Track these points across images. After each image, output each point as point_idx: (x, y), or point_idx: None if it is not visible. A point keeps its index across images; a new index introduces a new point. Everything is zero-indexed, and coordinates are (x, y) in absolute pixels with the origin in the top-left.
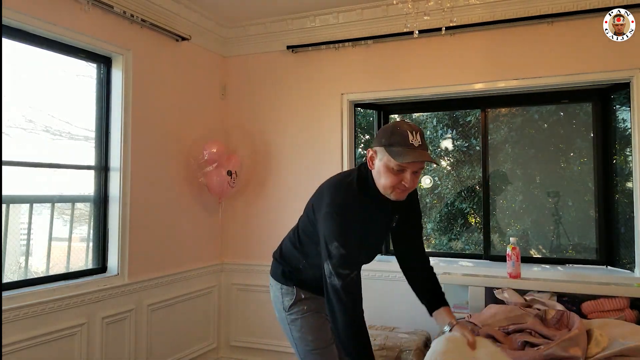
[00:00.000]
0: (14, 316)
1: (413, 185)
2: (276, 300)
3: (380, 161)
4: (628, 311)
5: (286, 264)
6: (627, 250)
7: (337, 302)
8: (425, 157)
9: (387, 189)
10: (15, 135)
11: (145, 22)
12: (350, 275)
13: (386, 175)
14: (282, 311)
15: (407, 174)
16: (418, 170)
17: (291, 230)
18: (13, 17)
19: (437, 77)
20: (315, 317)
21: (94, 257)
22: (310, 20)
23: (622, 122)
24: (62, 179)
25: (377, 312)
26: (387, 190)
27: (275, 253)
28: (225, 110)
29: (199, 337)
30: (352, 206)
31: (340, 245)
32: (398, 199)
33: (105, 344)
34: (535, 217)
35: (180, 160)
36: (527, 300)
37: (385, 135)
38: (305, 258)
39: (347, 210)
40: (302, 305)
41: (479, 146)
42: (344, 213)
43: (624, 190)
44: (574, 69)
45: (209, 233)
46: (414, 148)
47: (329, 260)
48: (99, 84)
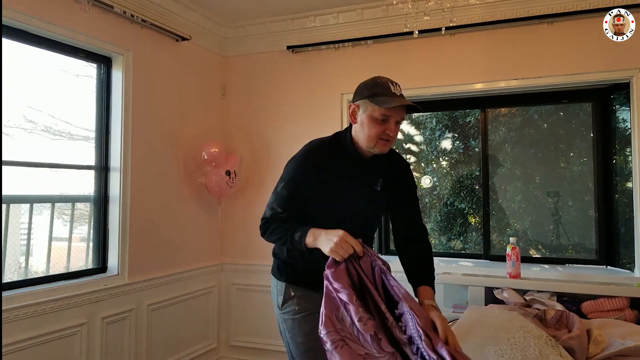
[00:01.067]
0: (14, 316)
1: (395, 136)
2: (273, 297)
3: (364, 113)
4: (628, 311)
5: (277, 257)
6: (626, 250)
7: (260, 227)
8: (408, 102)
9: (371, 141)
10: (15, 135)
11: (145, 22)
12: (280, 215)
13: (370, 126)
14: (277, 308)
15: (391, 124)
16: (400, 119)
17: None
18: (13, 17)
19: (437, 77)
20: (308, 319)
21: (94, 257)
22: (310, 20)
23: (622, 122)
24: (62, 179)
25: None
26: (372, 143)
27: (273, 248)
28: (225, 110)
29: (199, 337)
30: (316, 158)
31: (285, 186)
32: (382, 151)
33: (105, 344)
34: (535, 217)
35: (180, 160)
36: (527, 300)
37: (367, 88)
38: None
39: (308, 159)
40: (294, 306)
41: (478, 147)
42: (304, 161)
43: (624, 190)
44: (574, 69)
45: (209, 233)
46: (397, 96)
47: (271, 196)
48: (99, 84)
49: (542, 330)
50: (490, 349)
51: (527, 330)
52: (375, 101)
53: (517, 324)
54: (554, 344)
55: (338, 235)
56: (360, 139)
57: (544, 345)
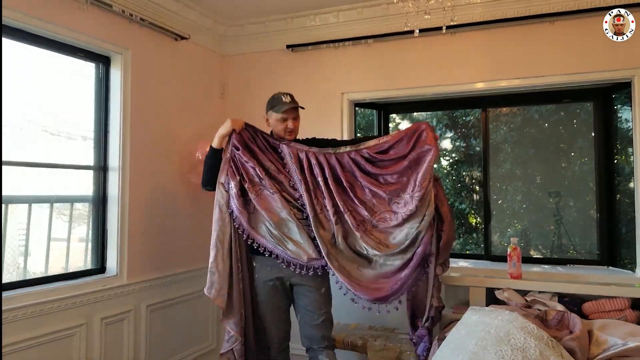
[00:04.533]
0: (12, 317)
1: (294, 128)
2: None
3: (271, 118)
4: (629, 312)
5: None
6: (628, 250)
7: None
8: (295, 104)
9: (280, 134)
10: (13, 135)
11: (144, 21)
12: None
13: (276, 124)
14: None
15: (289, 121)
16: (296, 117)
17: None
18: (11, 17)
19: (438, 76)
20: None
21: (93, 258)
22: (310, 19)
23: (625, 122)
24: (61, 179)
25: (378, 313)
26: (281, 135)
27: None
28: (224, 110)
29: (198, 338)
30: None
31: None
32: (289, 139)
33: (104, 345)
34: (536, 217)
35: (179, 160)
36: (528, 301)
37: (268, 104)
38: None
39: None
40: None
41: (478, 146)
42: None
43: (626, 191)
44: (575, 68)
45: (209, 233)
46: (287, 103)
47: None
48: (97, 84)
49: (543, 331)
50: (491, 349)
51: (528, 331)
52: (275, 110)
53: (518, 325)
54: (555, 344)
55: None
56: (275, 132)
57: (545, 346)
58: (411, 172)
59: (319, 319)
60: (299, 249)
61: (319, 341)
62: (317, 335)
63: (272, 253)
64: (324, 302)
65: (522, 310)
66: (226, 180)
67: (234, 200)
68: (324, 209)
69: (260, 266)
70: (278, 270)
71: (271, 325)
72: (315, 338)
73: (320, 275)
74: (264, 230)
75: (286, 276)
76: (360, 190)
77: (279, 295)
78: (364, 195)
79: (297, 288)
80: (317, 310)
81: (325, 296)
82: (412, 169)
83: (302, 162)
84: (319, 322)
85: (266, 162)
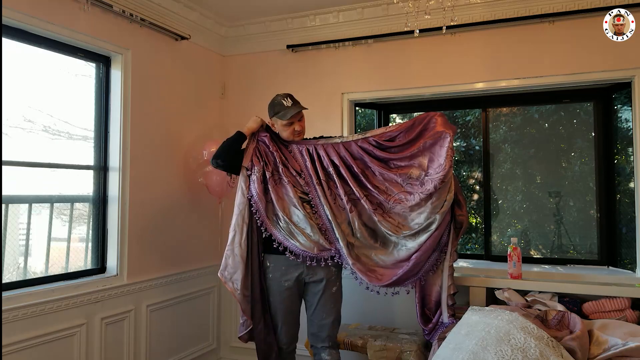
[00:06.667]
0: (12, 317)
1: (301, 129)
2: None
3: (277, 124)
4: (629, 312)
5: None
6: (628, 250)
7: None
8: (299, 108)
9: (289, 137)
10: (14, 135)
11: (144, 21)
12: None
13: (283, 130)
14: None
15: (295, 124)
16: (300, 118)
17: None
18: (12, 17)
19: (438, 76)
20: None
21: (93, 258)
22: (310, 19)
23: (625, 122)
24: (61, 179)
25: (378, 313)
26: (290, 137)
27: None
28: (224, 110)
29: (199, 337)
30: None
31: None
32: (298, 140)
33: (104, 345)
34: (536, 217)
35: (179, 160)
36: (528, 301)
37: (270, 109)
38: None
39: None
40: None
41: (479, 146)
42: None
43: (626, 191)
44: (575, 68)
45: (209, 233)
46: (289, 108)
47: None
48: (98, 84)
49: (543, 331)
50: (491, 349)
51: (528, 331)
52: (280, 117)
53: (518, 325)
54: (555, 344)
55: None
56: (282, 136)
57: (545, 346)
58: (424, 156)
59: (328, 319)
60: (310, 242)
61: (323, 340)
62: (323, 334)
63: (285, 248)
64: (335, 301)
65: (522, 310)
66: (250, 165)
67: (254, 185)
68: (337, 199)
69: (274, 266)
70: (292, 269)
71: (282, 327)
72: (320, 336)
73: (332, 272)
74: (277, 222)
75: (299, 275)
76: (372, 176)
77: (293, 298)
78: (376, 180)
79: (308, 286)
80: (327, 309)
81: (336, 295)
82: (426, 153)
83: (312, 156)
84: (328, 321)
85: (284, 155)
